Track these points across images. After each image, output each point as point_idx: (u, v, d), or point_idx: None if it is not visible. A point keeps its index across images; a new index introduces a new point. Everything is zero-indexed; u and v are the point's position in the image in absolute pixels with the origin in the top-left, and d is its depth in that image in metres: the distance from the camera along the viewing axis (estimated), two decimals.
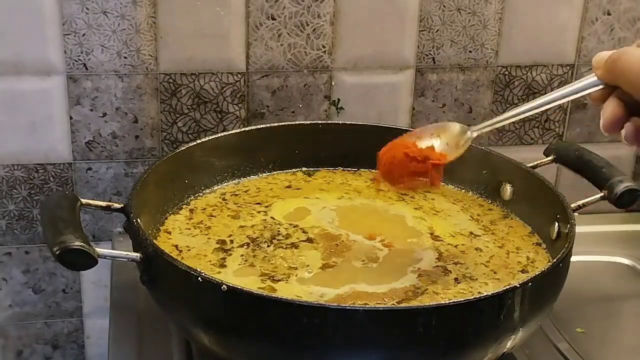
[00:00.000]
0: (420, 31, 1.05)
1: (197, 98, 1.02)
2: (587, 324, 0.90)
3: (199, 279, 0.68)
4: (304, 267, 0.79)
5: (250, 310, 0.67)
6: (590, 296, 0.97)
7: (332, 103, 1.06)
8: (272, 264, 0.80)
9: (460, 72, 1.08)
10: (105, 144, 1.02)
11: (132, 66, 0.99)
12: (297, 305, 0.66)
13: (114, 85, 1.00)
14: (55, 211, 0.74)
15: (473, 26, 1.06)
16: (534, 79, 1.10)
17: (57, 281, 1.07)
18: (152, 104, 1.02)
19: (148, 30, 0.98)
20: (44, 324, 1.09)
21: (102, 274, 1.03)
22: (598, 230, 1.10)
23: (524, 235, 0.88)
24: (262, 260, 0.80)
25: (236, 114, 1.04)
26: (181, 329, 0.78)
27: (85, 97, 1.00)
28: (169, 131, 1.03)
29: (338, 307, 0.68)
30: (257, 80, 1.03)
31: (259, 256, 0.81)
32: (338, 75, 1.05)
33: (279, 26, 1.01)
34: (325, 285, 0.76)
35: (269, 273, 0.78)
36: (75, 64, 0.98)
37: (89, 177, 1.03)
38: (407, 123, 1.08)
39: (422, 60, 1.06)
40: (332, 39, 1.03)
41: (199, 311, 0.71)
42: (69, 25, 0.96)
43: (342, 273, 0.79)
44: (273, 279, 0.77)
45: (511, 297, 0.68)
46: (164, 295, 0.75)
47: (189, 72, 1.01)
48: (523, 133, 1.12)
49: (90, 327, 1.10)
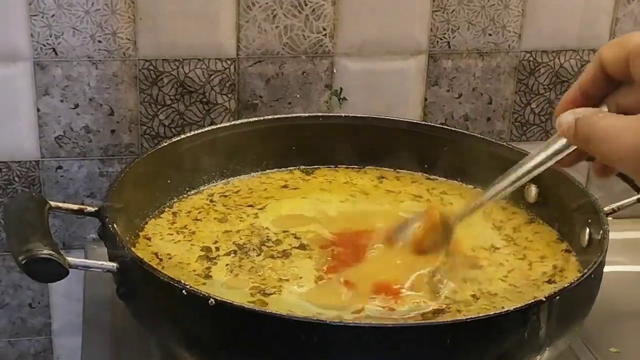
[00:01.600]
0: (434, 11, 1.05)
1: (181, 87, 1.03)
2: (622, 343, 0.91)
3: (183, 291, 0.68)
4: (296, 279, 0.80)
5: (241, 327, 0.67)
6: (626, 312, 0.97)
7: (334, 93, 1.06)
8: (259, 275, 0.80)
9: (478, 58, 1.08)
10: (77, 140, 1.02)
11: (107, 51, 0.99)
12: (294, 322, 0.66)
13: (87, 73, 1.00)
14: (21, 215, 0.74)
15: (493, 6, 1.06)
16: (562, 66, 1.10)
17: (22, 294, 1.07)
18: (131, 94, 1.02)
19: (125, 10, 0.98)
20: (7, 343, 1.09)
21: (73, 287, 1.03)
22: (635, 237, 1.10)
23: (551, 242, 0.88)
24: (249, 271, 0.81)
25: (225, 106, 1.04)
26: (162, 347, 0.79)
27: (54, 87, 1.00)
28: (149, 125, 1.03)
29: (340, 323, 0.68)
30: (248, 67, 1.03)
31: (246, 266, 0.81)
32: (340, 62, 1.05)
33: (274, 6, 1.01)
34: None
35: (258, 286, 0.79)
36: (44, 48, 0.98)
37: (58, 176, 1.03)
38: (418, 115, 1.09)
39: (435, 45, 1.06)
40: (334, 20, 1.03)
41: (183, 328, 0.71)
42: (36, 5, 0.96)
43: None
44: (264, 292, 0.78)
45: (536, 312, 0.68)
46: (144, 310, 0.75)
47: (172, 58, 1.01)
48: (550, 127, 1.12)
49: (60, 346, 1.10)
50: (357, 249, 0.83)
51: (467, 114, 1.10)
